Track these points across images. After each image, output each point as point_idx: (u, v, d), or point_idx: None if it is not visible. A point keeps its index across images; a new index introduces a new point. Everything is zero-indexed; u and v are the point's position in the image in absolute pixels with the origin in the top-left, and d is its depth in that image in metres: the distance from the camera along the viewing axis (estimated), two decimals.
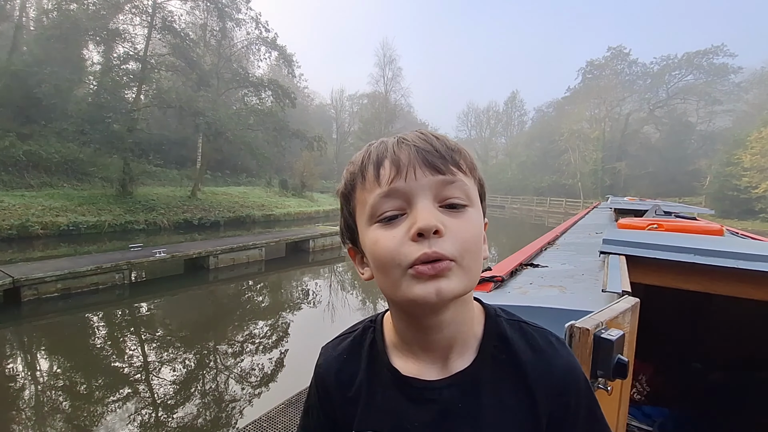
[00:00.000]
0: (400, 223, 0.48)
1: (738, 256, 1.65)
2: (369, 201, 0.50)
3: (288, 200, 26.30)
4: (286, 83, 27.31)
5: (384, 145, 0.52)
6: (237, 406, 4.61)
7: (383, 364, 0.57)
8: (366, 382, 0.58)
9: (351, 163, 0.55)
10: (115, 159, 17.20)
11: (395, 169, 0.49)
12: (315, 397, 0.63)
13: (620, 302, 1.04)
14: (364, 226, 0.52)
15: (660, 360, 3.05)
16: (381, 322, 0.62)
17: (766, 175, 27.59)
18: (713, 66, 44.80)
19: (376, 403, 0.56)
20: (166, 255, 8.99)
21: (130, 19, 18.21)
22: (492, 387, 0.53)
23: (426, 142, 0.51)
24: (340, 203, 0.58)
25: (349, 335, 0.64)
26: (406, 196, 0.49)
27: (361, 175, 0.52)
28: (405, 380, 0.55)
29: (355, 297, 9.72)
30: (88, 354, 5.84)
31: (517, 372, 0.53)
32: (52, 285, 7.22)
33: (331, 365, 0.61)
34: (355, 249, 0.58)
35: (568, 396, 0.53)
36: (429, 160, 0.49)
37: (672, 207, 5.24)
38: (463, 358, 0.54)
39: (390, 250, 0.48)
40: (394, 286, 0.49)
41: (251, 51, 26.52)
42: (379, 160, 0.51)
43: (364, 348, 0.60)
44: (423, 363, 0.55)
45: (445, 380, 0.53)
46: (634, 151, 45.35)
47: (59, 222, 13.13)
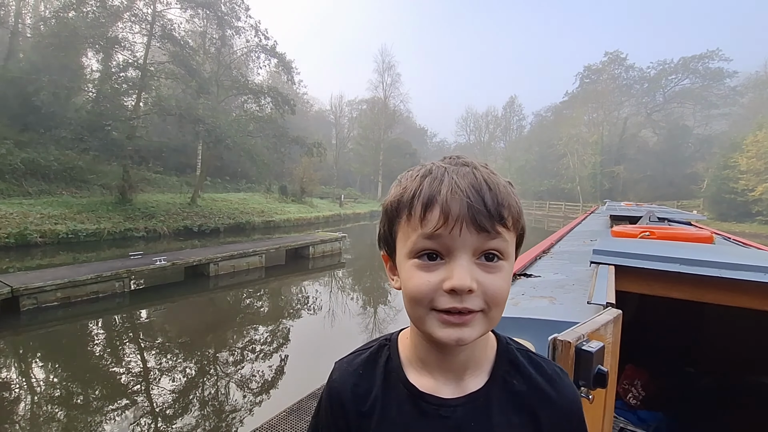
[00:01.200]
0: (437, 269, 0.51)
1: (724, 266, 1.70)
2: (411, 237, 0.53)
3: (288, 206, 26.34)
4: (286, 90, 27.44)
5: (437, 185, 0.52)
6: (238, 414, 4.63)
7: (399, 379, 0.59)
8: (381, 397, 0.59)
9: (402, 186, 0.56)
10: (114, 166, 17.28)
11: (443, 219, 0.50)
12: (327, 411, 0.63)
13: (603, 314, 1.08)
14: (403, 255, 0.54)
15: (655, 365, 3.09)
16: (396, 341, 0.64)
17: (762, 178, 27.72)
18: (709, 70, 45.15)
19: (391, 417, 0.57)
20: (166, 262, 9.01)
21: (130, 27, 18.31)
22: (502, 408, 0.56)
23: (478, 195, 0.51)
24: (384, 215, 0.58)
25: (365, 351, 0.65)
26: (446, 246, 0.51)
27: (408, 210, 0.53)
28: (422, 396, 0.57)
29: (356, 303, 9.75)
30: (88, 363, 5.86)
31: (527, 396, 0.57)
32: (52, 294, 7.24)
33: (347, 380, 0.62)
34: (387, 257, 0.61)
35: (570, 424, 0.58)
36: (477, 220, 0.50)
37: (666, 213, 5.30)
38: (477, 379, 0.58)
39: (422, 292, 0.51)
40: (419, 319, 0.53)
41: (251, 58, 26.68)
42: (429, 202, 0.51)
43: (380, 364, 0.62)
44: (439, 381, 0.58)
45: (459, 399, 0.56)
46: (632, 155, 45.55)
47: (58, 230, 13.14)
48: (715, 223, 27.77)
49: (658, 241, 2.55)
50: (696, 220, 5.38)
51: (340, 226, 24.38)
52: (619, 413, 2.86)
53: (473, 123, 75.96)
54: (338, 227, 21.95)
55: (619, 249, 1.94)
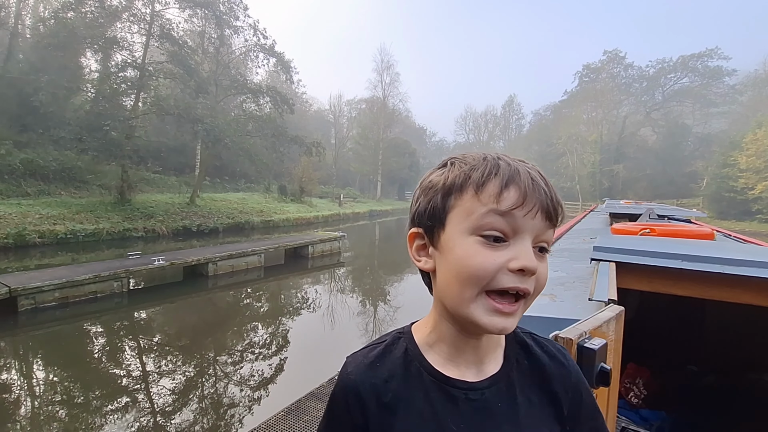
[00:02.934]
0: (502, 249, 0.51)
1: (726, 262, 1.68)
2: (478, 212, 0.52)
3: (287, 206, 26.31)
4: (284, 89, 27.42)
5: (514, 169, 0.53)
6: (236, 413, 4.60)
7: (422, 367, 0.59)
8: (403, 386, 0.58)
9: (465, 163, 0.56)
10: (113, 166, 17.22)
11: (521, 199, 0.51)
12: (343, 408, 0.60)
13: (605, 311, 1.06)
14: (460, 231, 0.53)
15: (657, 364, 3.07)
16: (410, 332, 0.63)
17: (762, 176, 27.72)
18: (708, 69, 45.19)
19: (416, 407, 0.56)
20: (164, 262, 8.98)
21: (128, 27, 18.28)
22: (521, 387, 0.59)
23: (547, 188, 0.53)
24: (435, 189, 0.57)
25: (379, 344, 0.64)
26: (516, 227, 0.51)
27: (478, 184, 0.53)
28: (449, 382, 0.57)
29: (355, 302, 9.73)
30: (86, 363, 5.84)
31: (539, 374, 0.61)
32: (50, 294, 7.21)
33: (364, 372, 0.60)
34: (421, 235, 0.59)
35: (580, 393, 0.62)
36: (548, 208, 0.52)
37: (666, 210, 5.27)
38: (494, 362, 0.60)
39: (486, 270, 0.50)
40: (463, 301, 0.52)
41: (249, 58, 26.65)
42: (507, 180, 0.52)
43: (397, 355, 0.61)
44: (461, 367, 0.58)
45: (483, 382, 0.58)
46: (631, 154, 45.56)
47: (57, 230, 13.10)
48: (715, 221, 27.76)
49: (659, 238, 2.53)
50: (696, 217, 5.36)
51: (339, 225, 24.36)
52: (620, 412, 2.84)
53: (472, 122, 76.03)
54: (337, 227, 21.94)
55: (620, 246, 1.92)
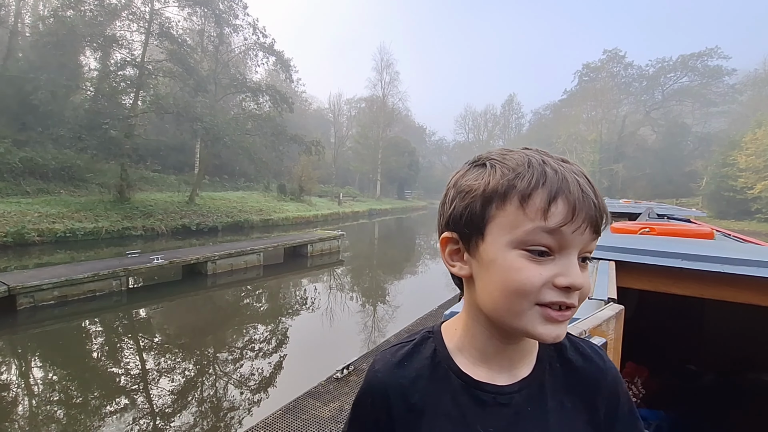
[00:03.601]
0: (547, 263, 0.49)
1: (726, 261, 1.67)
2: (523, 227, 0.49)
3: (286, 205, 26.30)
4: (284, 88, 27.39)
5: (561, 178, 0.49)
6: (235, 412, 4.60)
7: (451, 370, 0.58)
8: (431, 388, 0.57)
9: (507, 167, 0.51)
10: (112, 165, 17.20)
11: (570, 214, 0.48)
12: (369, 407, 0.60)
13: (604, 310, 1.06)
14: (502, 244, 0.50)
15: (655, 363, 3.07)
16: (440, 332, 0.62)
17: (761, 175, 27.73)
18: (708, 68, 45.23)
19: (444, 409, 0.56)
20: (163, 261, 8.97)
21: (127, 26, 18.21)
22: (553, 391, 0.57)
23: (596, 197, 0.50)
24: (468, 194, 0.53)
25: (407, 343, 0.63)
26: (563, 242, 0.49)
27: (523, 194, 0.49)
28: (478, 385, 0.56)
29: (354, 301, 9.73)
30: (85, 362, 5.84)
31: (573, 377, 0.58)
32: (49, 292, 7.20)
33: (392, 372, 0.59)
34: (456, 240, 0.56)
35: (617, 397, 0.59)
36: (596, 221, 0.50)
37: (666, 210, 5.27)
38: (526, 366, 0.58)
39: (533, 285, 0.48)
40: (513, 314, 0.50)
41: (249, 56, 26.58)
42: (555, 192, 0.48)
43: (426, 355, 0.60)
44: (493, 370, 0.57)
45: (514, 385, 0.56)
46: (631, 153, 45.57)
47: (56, 229, 13.09)
48: (714, 220, 27.78)
49: (659, 237, 2.53)
50: (695, 216, 5.35)
51: (338, 224, 24.38)
52: None
53: (472, 121, 76.12)
54: (337, 226, 21.96)
55: (619, 245, 1.91)
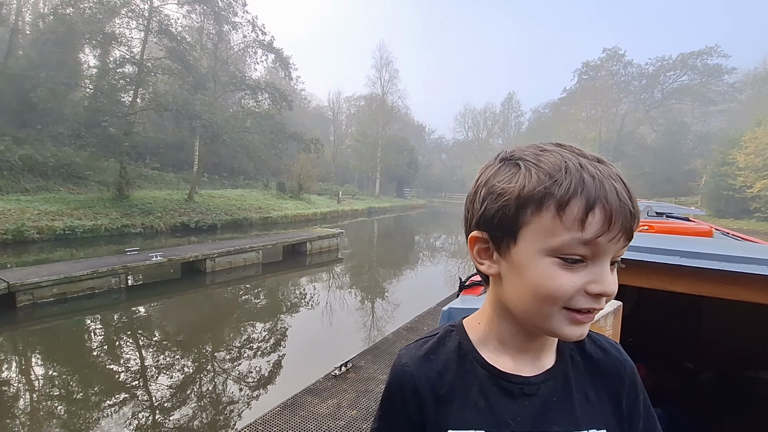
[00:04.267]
0: (579, 270, 0.49)
1: (725, 258, 1.67)
2: (560, 236, 0.48)
3: (285, 202, 26.29)
4: (283, 86, 27.39)
5: (599, 184, 0.48)
6: (234, 409, 4.61)
7: (477, 362, 0.58)
8: (459, 380, 0.58)
9: (543, 171, 0.50)
10: (111, 162, 17.16)
11: (606, 225, 0.47)
12: (397, 400, 0.60)
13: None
14: (536, 250, 0.50)
15: (653, 360, 3.07)
16: (462, 326, 0.63)
17: (760, 174, 27.76)
18: (707, 67, 45.22)
19: (472, 400, 0.57)
20: (162, 259, 8.97)
21: (126, 23, 18.15)
22: (577, 382, 0.59)
23: (631, 204, 0.50)
24: (501, 196, 0.52)
25: (431, 337, 0.64)
26: (597, 252, 0.49)
27: (560, 204, 0.48)
28: (505, 376, 0.57)
29: (353, 298, 9.73)
30: (84, 359, 5.83)
31: (595, 370, 0.60)
32: (48, 290, 7.20)
33: (420, 364, 0.60)
34: (485, 240, 0.56)
35: (635, 388, 0.62)
36: (631, 228, 0.49)
37: (665, 208, 5.27)
38: (549, 358, 0.59)
39: (566, 292, 0.49)
40: (542, 316, 0.51)
41: (248, 54, 26.54)
42: (591, 203, 0.47)
43: (451, 348, 0.61)
44: (518, 362, 0.58)
45: (539, 376, 0.57)
46: (630, 152, 45.57)
47: (55, 226, 13.07)
48: (713, 219, 27.82)
49: (657, 235, 2.53)
50: (694, 215, 5.36)
51: (337, 222, 24.38)
52: None
53: (471, 119, 75.95)
54: (336, 223, 21.96)
55: None
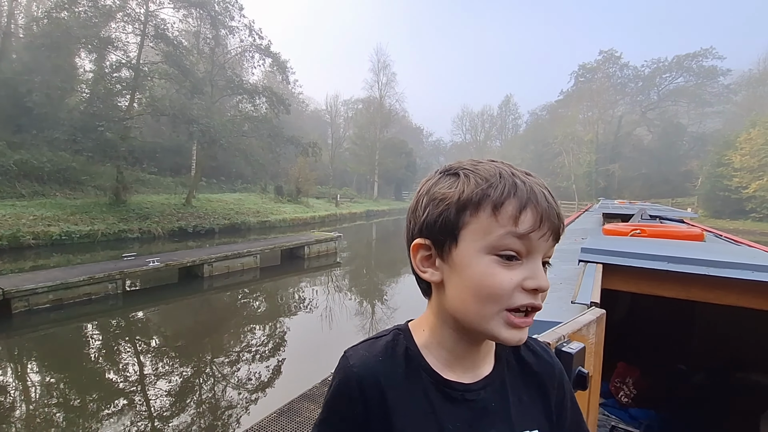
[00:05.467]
0: (516, 268, 0.53)
1: (713, 264, 1.69)
2: (496, 233, 0.52)
3: (283, 206, 26.27)
4: (281, 89, 27.36)
5: (530, 190, 0.53)
6: (231, 415, 4.60)
7: (422, 368, 0.60)
8: (405, 384, 0.59)
9: (480, 177, 0.55)
10: (108, 167, 17.13)
11: (537, 222, 0.52)
12: (345, 400, 0.59)
13: (585, 314, 1.07)
14: (475, 249, 0.53)
15: (647, 363, 3.10)
16: (408, 330, 0.64)
17: (756, 175, 27.91)
18: (703, 68, 45.51)
19: (416, 404, 0.58)
20: (160, 264, 8.96)
21: (122, 27, 18.14)
22: (512, 387, 0.61)
23: (557, 208, 0.55)
24: (442, 201, 0.56)
25: (379, 339, 0.63)
26: (530, 248, 0.53)
27: (496, 203, 0.53)
28: (448, 384, 0.59)
29: (351, 302, 9.73)
30: (81, 366, 5.82)
31: (528, 373, 0.64)
32: (44, 296, 7.18)
33: (368, 366, 0.59)
34: (428, 247, 0.58)
35: (563, 389, 0.66)
36: (557, 229, 0.54)
37: (659, 211, 5.31)
38: (488, 364, 0.62)
39: (504, 289, 0.52)
40: (482, 318, 0.54)
41: (245, 58, 26.53)
42: (523, 202, 0.52)
43: (399, 353, 0.61)
44: (456, 370, 0.60)
45: (479, 383, 0.60)
46: (627, 153, 45.77)
47: (51, 231, 13.04)
48: (710, 220, 27.96)
49: (648, 239, 2.55)
50: (689, 218, 5.39)
51: (336, 225, 24.36)
52: (610, 411, 2.86)
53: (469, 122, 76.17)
54: (334, 227, 21.94)
55: (608, 247, 1.93)
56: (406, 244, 0.62)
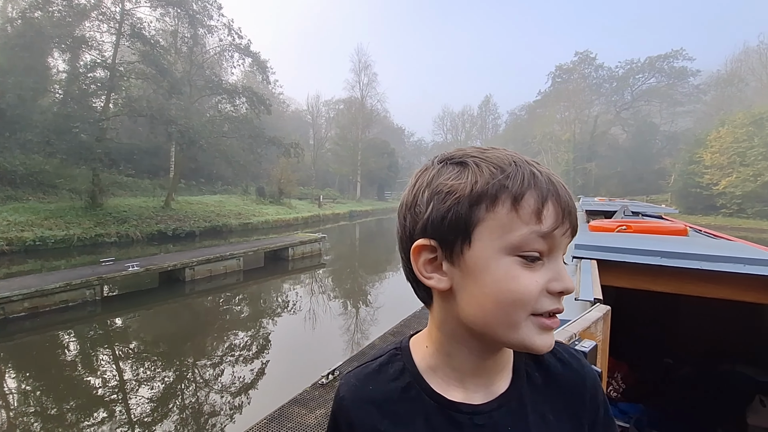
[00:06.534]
0: (539, 269, 0.47)
1: (701, 258, 1.74)
2: (518, 231, 0.46)
3: (266, 208, 25.97)
4: (261, 90, 27.06)
5: (548, 180, 0.48)
6: (219, 422, 4.51)
7: (423, 391, 0.53)
8: (402, 411, 0.53)
9: (494, 165, 0.48)
10: (83, 170, 16.61)
11: (560, 218, 0.47)
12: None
13: (592, 311, 1.08)
14: (495, 250, 0.47)
15: (634, 358, 3.16)
16: (408, 348, 0.58)
17: (725, 172, 28.99)
18: (674, 69, 47.05)
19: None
20: (139, 268, 8.73)
21: (97, 26, 17.68)
22: (534, 405, 0.53)
23: (573, 198, 0.50)
24: (450, 194, 0.48)
25: (373, 362, 0.58)
26: (552, 246, 0.47)
27: (515, 197, 0.46)
28: (453, 406, 0.52)
29: (336, 304, 9.67)
30: (59, 375, 5.62)
31: (553, 386, 0.55)
32: (19, 304, 6.91)
33: (357, 396, 0.55)
34: (433, 248, 0.50)
35: (597, 402, 0.57)
36: (575, 224, 0.49)
37: (639, 207, 5.44)
38: (504, 379, 0.54)
39: (532, 293, 0.46)
40: (509, 326, 0.47)
41: (224, 58, 26.16)
42: (544, 195, 0.46)
43: (394, 376, 0.56)
44: (468, 388, 0.53)
45: (491, 403, 0.52)
46: (603, 152, 46.93)
47: (25, 237, 12.58)
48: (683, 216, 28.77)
49: (635, 235, 2.61)
50: (666, 213, 5.54)
51: (319, 226, 24.20)
52: None
53: (450, 122, 76.92)
54: (318, 228, 21.80)
55: (600, 243, 1.96)
56: (399, 246, 0.54)
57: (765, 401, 2.43)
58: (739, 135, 28.76)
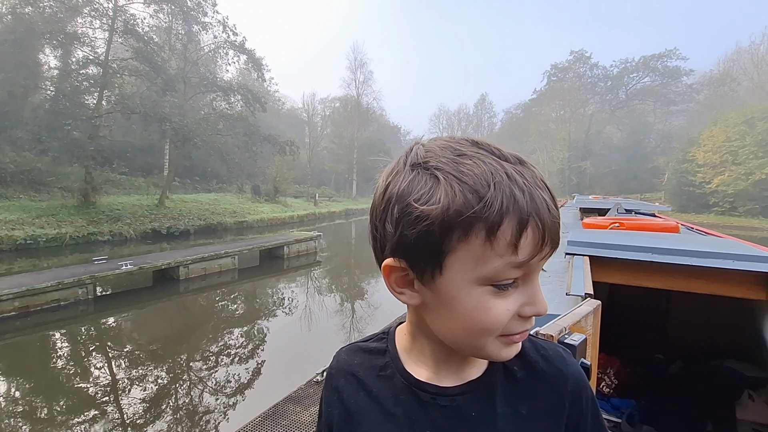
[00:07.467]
0: (511, 294, 0.45)
1: (692, 254, 1.75)
2: (491, 264, 0.43)
3: (261, 206, 25.89)
4: (256, 87, 26.98)
5: (530, 199, 0.43)
6: (213, 420, 4.50)
7: (397, 370, 0.57)
8: (379, 385, 0.57)
9: (470, 189, 0.42)
10: (75, 168, 16.51)
11: (539, 244, 0.43)
12: (324, 400, 0.63)
13: (582, 306, 1.09)
14: (466, 280, 0.45)
15: (626, 354, 3.19)
16: (394, 334, 0.62)
17: (718, 171, 29.26)
18: (667, 68, 47.43)
19: (388, 408, 0.55)
20: (132, 267, 8.67)
21: (90, 23, 17.50)
22: (508, 397, 0.53)
23: (558, 212, 0.46)
24: (419, 221, 0.44)
25: (363, 342, 0.64)
26: (528, 271, 0.45)
27: (491, 228, 0.42)
28: (419, 385, 0.54)
29: (332, 302, 9.67)
30: (51, 375, 5.57)
31: (533, 382, 0.54)
32: (9, 303, 6.83)
33: (343, 368, 0.62)
34: (402, 268, 0.48)
35: (581, 403, 0.55)
36: (557, 240, 0.45)
37: (632, 205, 5.48)
38: (477, 368, 0.55)
39: (500, 322, 0.45)
40: (477, 346, 0.48)
41: (219, 55, 26.03)
42: (524, 222, 0.42)
43: (377, 355, 0.60)
44: (439, 371, 0.55)
45: (458, 387, 0.53)
46: (597, 151, 47.23)
47: (15, 236, 12.45)
48: (676, 214, 29.07)
49: (628, 232, 2.62)
50: (659, 211, 5.58)
51: (315, 225, 24.18)
52: None
53: (446, 120, 76.83)
54: (313, 226, 21.77)
55: (592, 240, 1.97)
56: (373, 252, 0.52)
57: (753, 396, 2.46)
58: (731, 134, 29.04)
